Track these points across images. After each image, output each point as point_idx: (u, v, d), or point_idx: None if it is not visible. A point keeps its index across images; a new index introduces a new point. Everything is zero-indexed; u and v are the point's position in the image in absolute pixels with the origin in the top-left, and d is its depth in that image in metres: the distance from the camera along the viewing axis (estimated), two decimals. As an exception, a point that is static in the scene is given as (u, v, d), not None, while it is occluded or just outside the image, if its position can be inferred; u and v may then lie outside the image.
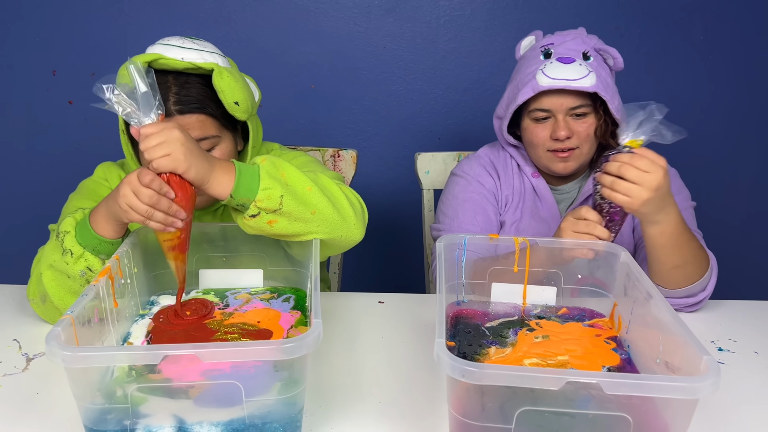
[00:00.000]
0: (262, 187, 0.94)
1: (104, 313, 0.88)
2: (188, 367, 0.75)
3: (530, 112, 1.29)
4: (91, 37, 1.97)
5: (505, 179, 1.39)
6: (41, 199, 2.05)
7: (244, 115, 1.11)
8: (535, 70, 1.26)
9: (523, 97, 1.26)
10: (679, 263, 1.13)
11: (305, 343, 0.72)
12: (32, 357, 1.00)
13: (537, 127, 1.29)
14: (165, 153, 0.89)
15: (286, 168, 0.98)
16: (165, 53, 1.07)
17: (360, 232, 1.06)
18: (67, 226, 1.02)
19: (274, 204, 0.95)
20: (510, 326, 1.00)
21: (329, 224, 1.01)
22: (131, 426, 0.74)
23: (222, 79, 1.07)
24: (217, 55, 1.12)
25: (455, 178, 1.42)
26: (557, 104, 1.25)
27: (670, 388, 0.67)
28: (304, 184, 0.98)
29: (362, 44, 2.01)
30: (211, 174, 0.93)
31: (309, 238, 1.01)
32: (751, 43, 2.00)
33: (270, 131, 1.41)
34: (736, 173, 2.12)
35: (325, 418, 0.86)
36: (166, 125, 0.90)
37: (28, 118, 2.05)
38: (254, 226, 0.97)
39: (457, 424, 0.74)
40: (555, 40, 1.29)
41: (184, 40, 1.11)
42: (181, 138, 0.90)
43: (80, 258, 0.99)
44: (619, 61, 1.27)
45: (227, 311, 1.00)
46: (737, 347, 1.07)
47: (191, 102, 1.07)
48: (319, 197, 0.99)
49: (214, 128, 1.10)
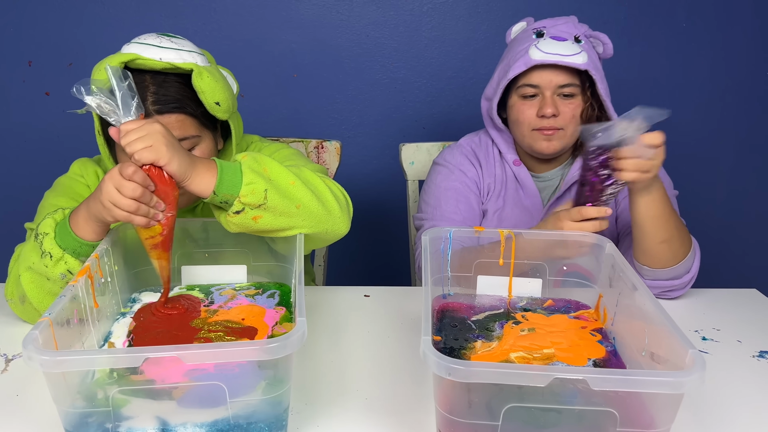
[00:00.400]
0: (245, 182, 0.93)
1: (84, 314, 0.86)
2: (171, 367, 0.73)
3: (519, 88, 1.29)
4: (67, 26, 1.93)
5: (486, 167, 1.39)
6: (17, 194, 2.01)
7: (225, 114, 1.09)
8: (528, 47, 1.26)
9: (515, 71, 1.26)
10: (665, 237, 1.14)
11: (289, 342, 0.71)
12: (11, 358, 0.98)
13: (524, 104, 1.28)
14: (146, 145, 0.87)
15: (268, 163, 0.97)
16: (142, 53, 1.04)
17: (345, 226, 1.05)
18: (46, 227, 0.99)
19: (258, 199, 0.93)
20: (496, 319, 1.00)
21: (314, 218, 1.00)
22: (113, 429, 0.73)
23: (202, 79, 1.04)
24: (196, 54, 1.09)
25: (437, 167, 1.42)
26: (546, 80, 1.25)
27: (657, 383, 0.67)
28: (287, 179, 0.97)
29: (345, 32, 1.99)
30: (192, 170, 0.91)
31: (294, 233, 0.99)
32: (733, 32, 2.00)
33: (252, 122, 1.39)
34: (716, 161, 2.13)
35: (312, 416, 0.85)
36: (146, 120, 0.89)
37: (3, 111, 2.01)
38: (238, 222, 0.95)
39: (444, 421, 0.74)
40: (547, 24, 1.30)
41: (162, 39, 1.07)
42: (162, 131, 0.89)
43: (60, 261, 0.97)
44: (609, 47, 1.28)
45: (212, 308, 0.99)
46: (720, 336, 1.08)
47: (170, 102, 1.05)
48: (303, 191, 0.98)
49: (194, 128, 1.08)
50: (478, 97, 1.42)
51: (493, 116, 1.35)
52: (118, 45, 1.10)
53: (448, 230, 1.06)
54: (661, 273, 1.17)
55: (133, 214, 0.89)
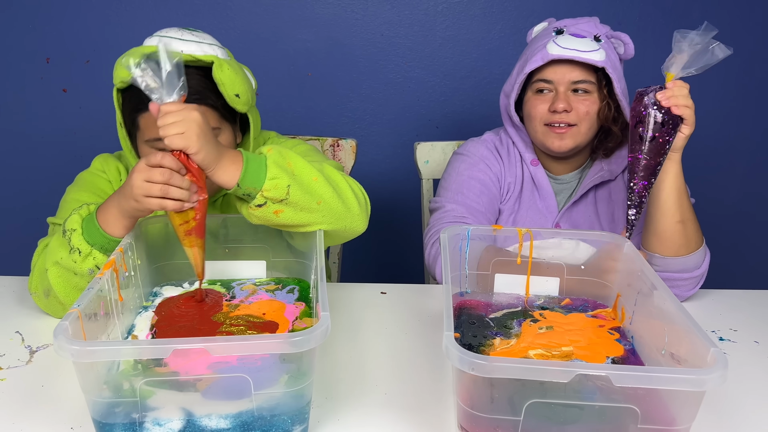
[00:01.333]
0: (269, 177, 0.94)
1: (109, 306, 0.87)
2: (195, 360, 0.74)
3: (534, 83, 1.29)
4: (85, 24, 1.95)
5: (508, 166, 1.39)
6: (38, 189, 2.03)
7: (245, 107, 1.11)
8: (546, 42, 1.27)
9: (532, 65, 1.26)
10: (683, 217, 1.16)
11: (314, 336, 0.72)
12: (36, 349, 0.99)
13: (537, 99, 1.29)
14: (180, 131, 0.88)
15: (293, 158, 0.98)
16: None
17: (363, 223, 1.06)
18: (73, 223, 1.00)
19: (281, 194, 0.94)
20: (514, 317, 1.00)
21: (334, 215, 1.01)
22: (140, 419, 0.74)
23: (222, 71, 1.06)
24: (216, 47, 1.11)
25: (460, 157, 1.40)
26: (560, 75, 1.26)
27: (679, 381, 0.67)
28: (310, 174, 0.98)
29: (359, 32, 2.00)
30: (219, 161, 0.92)
31: (313, 229, 1.00)
32: (749, 33, 2.00)
33: (267, 120, 1.40)
34: (732, 162, 2.12)
35: (332, 410, 0.86)
36: (186, 106, 0.90)
37: (22, 107, 2.03)
38: (260, 215, 0.96)
39: (465, 416, 0.74)
40: (568, 23, 1.30)
41: (183, 32, 1.09)
42: (198, 120, 0.89)
43: (88, 256, 0.98)
44: (630, 47, 1.28)
45: (234, 303, 1.00)
46: (738, 337, 1.08)
47: (191, 93, 1.05)
48: (325, 188, 0.99)
49: (215, 120, 1.10)
50: (493, 97, 1.42)
51: (511, 113, 1.35)
52: (136, 42, 1.11)
53: (466, 228, 1.06)
54: (672, 263, 1.16)
55: (165, 199, 0.90)
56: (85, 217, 1.01)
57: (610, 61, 1.25)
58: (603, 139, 1.33)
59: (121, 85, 1.08)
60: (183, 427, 0.74)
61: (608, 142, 1.33)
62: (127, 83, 1.07)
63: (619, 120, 1.29)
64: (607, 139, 1.33)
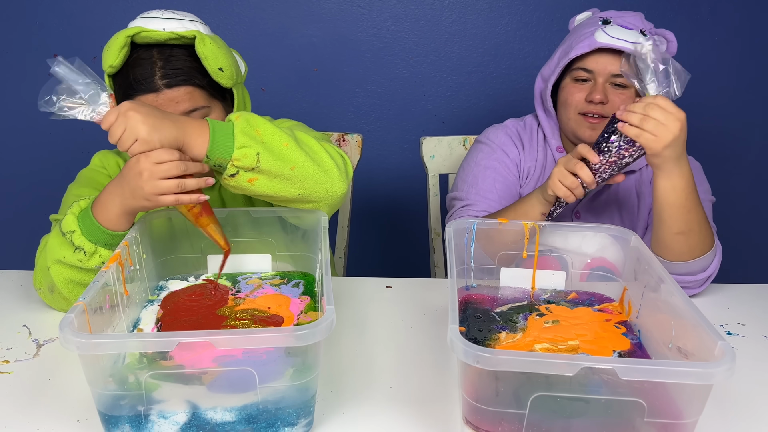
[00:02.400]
0: (237, 146, 0.93)
1: (115, 300, 0.87)
2: (201, 353, 0.74)
3: (573, 71, 1.28)
4: (92, 20, 1.95)
5: (529, 151, 1.39)
6: (43, 185, 2.04)
7: (230, 81, 1.10)
8: (594, 30, 1.25)
9: (578, 51, 1.25)
10: (684, 229, 1.13)
11: (319, 329, 0.72)
12: (42, 343, 1.00)
13: (575, 87, 1.28)
14: (132, 139, 0.89)
15: (261, 124, 0.97)
16: (146, 25, 1.06)
17: (344, 184, 1.04)
18: (70, 224, 0.99)
19: (251, 162, 0.94)
20: (520, 311, 1.00)
21: (311, 179, 0.99)
22: (145, 412, 0.74)
23: (204, 45, 1.06)
24: (198, 23, 1.11)
25: (479, 145, 1.42)
26: (602, 66, 1.24)
27: (685, 374, 0.67)
28: (280, 140, 0.97)
29: (365, 27, 1.99)
30: (183, 137, 0.92)
31: (300, 203, 1.01)
32: (758, 23, 1.98)
33: (273, 116, 1.39)
34: (740, 156, 2.11)
35: (338, 403, 0.86)
36: (119, 110, 0.90)
37: (29, 103, 2.03)
38: (235, 185, 0.96)
39: (470, 409, 0.74)
40: (614, 14, 1.28)
41: (164, 12, 1.10)
42: (138, 117, 0.89)
43: (94, 254, 0.98)
44: (673, 45, 1.26)
45: (239, 297, 1.00)
46: (746, 331, 1.07)
47: (178, 75, 1.06)
48: (297, 152, 0.98)
49: (203, 99, 1.10)
50: (499, 92, 1.42)
51: (546, 97, 1.34)
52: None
53: (471, 222, 1.06)
54: (675, 267, 1.15)
55: (180, 195, 0.92)
56: (78, 215, 1.00)
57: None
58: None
59: (111, 70, 1.08)
60: (188, 420, 0.75)
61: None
62: (116, 68, 1.07)
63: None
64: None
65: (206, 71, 1.08)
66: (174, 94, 1.06)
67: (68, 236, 0.99)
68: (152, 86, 1.05)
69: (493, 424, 0.73)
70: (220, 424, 0.75)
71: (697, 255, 1.15)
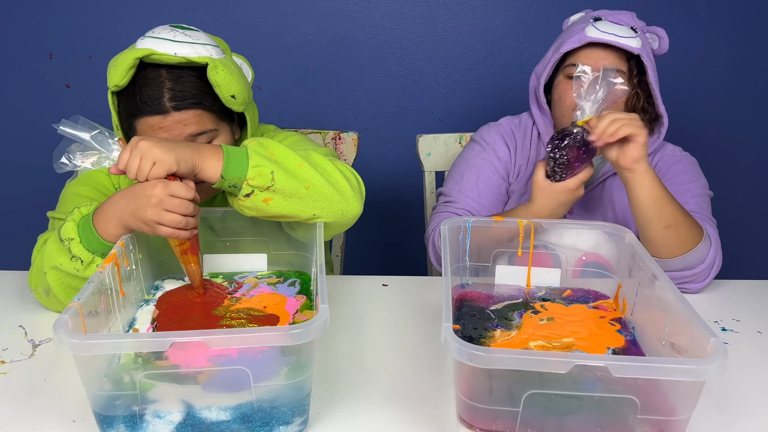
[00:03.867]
0: (251, 165, 0.93)
1: (110, 300, 0.88)
2: (196, 353, 0.75)
3: (566, 68, 1.29)
4: (87, 18, 1.95)
5: (522, 149, 1.40)
6: (40, 185, 2.03)
7: (241, 107, 1.10)
8: (585, 26, 1.26)
9: (569, 45, 1.26)
10: (671, 221, 1.14)
11: (313, 328, 0.72)
12: (38, 343, 1.00)
13: (568, 84, 1.28)
14: (151, 163, 0.89)
15: (275, 147, 0.98)
16: (157, 48, 1.03)
17: (358, 205, 1.05)
18: (70, 232, 0.98)
19: (266, 181, 0.94)
20: (515, 309, 1.00)
21: (326, 199, 1.00)
22: (140, 412, 0.74)
23: (217, 73, 1.05)
24: (210, 46, 1.08)
25: (472, 144, 1.44)
26: (593, 61, 1.25)
27: (678, 371, 0.67)
28: (294, 161, 0.98)
29: (362, 24, 1.99)
30: (198, 159, 0.93)
31: (313, 221, 1.00)
32: (753, 20, 1.98)
33: (269, 113, 1.40)
34: (736, 152, 2.11)
35: (333, 402, 0.86)
36: (130, 146, 0.91)
37: (25, 103, 2.03)
38: (250, 206, 0.96)
39: (464, 407, 0.74)
40: (606, 13, 1.30)
41: (175, 32, 1.06)
42: (150, 143, 0.90)
43: (91, 264, 0.98)
44: (664, 42, 1.27)
45: (235, 296, 1.01)
46: (740, 327, 1.08)
47: (187, 97, 1.05)
48: (311, 172, 0.98)
49: (211, 122, 1.08)
50: (495, 89, 1.42)
51: (539, 94, 1.35)
52: (137, 37, 1.10)
53: (467, 220, 1.06)
54: (672, 263, 1.16)
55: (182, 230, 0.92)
56: (79, 222, 0.99)
57: (646, 50, 1.25)
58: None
59: (116, 88, 1.06)
60: (183, 420, 0.75)
61: None
62: (121, 87, 1.05)
63: (648, 110, 1.29)
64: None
65: (215, 93, 1.07)
66: (182, 117, 1.04)
67: (66, 243, 0.98)
68: (160, 108, 1.03)
69: (488, 422, 0.73)
70: (215, 423, 0.75)
71: (690, 246, 1.15)
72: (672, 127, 1.30)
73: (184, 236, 0.93)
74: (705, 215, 1.26)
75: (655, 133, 1.32)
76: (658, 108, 1.28)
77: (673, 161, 1.33)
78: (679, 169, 1.31)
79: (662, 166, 1.33)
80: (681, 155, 1.35)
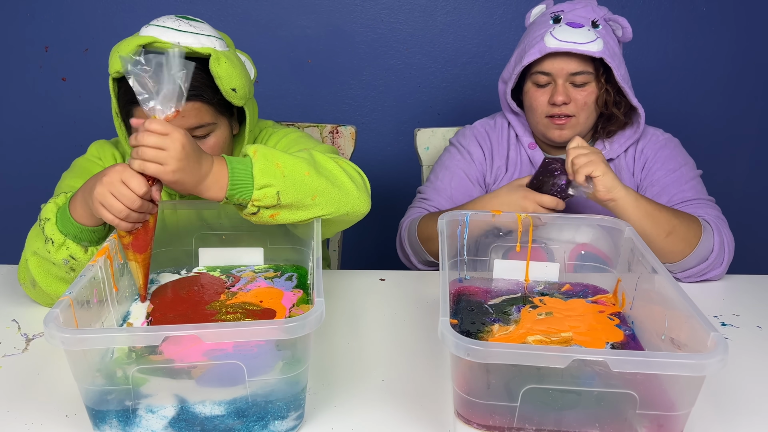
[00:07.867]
0: (256, 187, 0.91)
1: (103, 294, 0.87)
2: (190, 347, 0.74)
3: (532, 75, 1.29)
4: (83, 11, 1.93)
5: (498, 150, 1.40)
6: (36, 178, 2.02)
7: (241, 101, 1.09)
8: (543, 33, 1.25)
9: (529, 58, 1.25)
10: (668, 229, 1.13)
11: (308, 322, 0.71)
12: (32, 337, 0.99)
13: (537, 92, 1.28)
14: (158, 161, 0.85)
15: (280, 158, 0.95)
16: (160, 36, 1.03)
17: (365, 204, 1.04)
18: (48, 212, 0.97)
19: (271, 201, 0.93)
20: (513, 303, 0.99)
21: (333, 204, 0.99)
22: (133, 406, 0.73)
23: (219, 65, 1.04)
24: (214, 38, 1.08)
25: (449, 148, 1.46)
26: (558, 68, 1.25)
27: (677, 365, 0.66)
28: (301, 170, 0.96)
29: (360, 18, 1.97)
30: (201, 186, 0.90)
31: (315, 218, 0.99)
32: (752, 15, 1.96)
33: (267, 107, 1.38)
34: (736, 146, 2.10)
35: (329, 397, 0.85)
36: (172, 130, 0.85)
37: (21, 96, 2.02)
38: (257, 221, 0.96)
39: (461, 402, 0.73)
40: (565, 8, 1.29)
41: (180, 22, 1.06)
42: (181, 145, 0.85)
43: (62, 246, 0.96)
44: (628, 31, 1.26)
45: (232, 290, 1.00)
46: (740, 322, 1.07)
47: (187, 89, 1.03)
48: (318, 180, 0.97)
49: (210, 115, 1.07)
50: (494, 83, 1.41)
51: (509, 100, 1.35)
52: (134, 30, 1.09)
53: (465, 213, 1.05)
54: (686, 263, 1.16)
55: (121, 221, 0.88)
56: (61, 205, 0.98)
57: (609, 49, 1.23)
58: (606, 123, 1.32)
59: (117, 75, 1.05)
60: (176, 414, 0.74)
61: (610, 126, 1.32)
62: (122, 74, 1.03)
63: (621, 103, 1.28)
64: (609, 122, 1.32)
65: (217, 87, 1.06)
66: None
67: (42, 223, 0.97)
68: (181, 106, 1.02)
69: (485, 417, 0.72)
70: (209, 417, 0.74)
71: (695, 242, 1.15)
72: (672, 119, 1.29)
73: (123, 227, 0.89)
74: (703, 198, 1.26)
75: (633, 124, 1.32)
76: (631, 100, 1.27)
77: (658, 146, 1.32)
78: (666, 155, 1.31)
79: (648, 153, 1.32)
80: (664, 138, 1.34)
